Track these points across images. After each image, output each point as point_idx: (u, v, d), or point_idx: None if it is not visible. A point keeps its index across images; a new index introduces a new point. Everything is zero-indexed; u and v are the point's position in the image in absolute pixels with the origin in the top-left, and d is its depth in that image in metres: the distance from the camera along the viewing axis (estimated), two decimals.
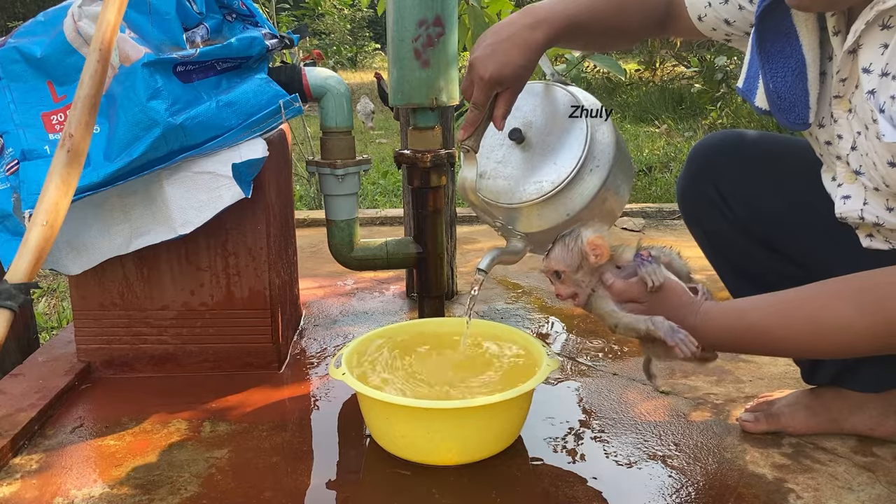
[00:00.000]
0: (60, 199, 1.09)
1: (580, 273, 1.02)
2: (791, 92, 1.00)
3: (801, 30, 0.99)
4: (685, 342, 0.93)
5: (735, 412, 1.29)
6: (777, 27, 1.00)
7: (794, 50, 0.99)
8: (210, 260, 1.43)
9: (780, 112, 1.02)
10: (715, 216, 1.19)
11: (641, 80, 7.78)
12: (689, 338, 0.94)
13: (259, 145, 1.33)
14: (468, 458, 1.14)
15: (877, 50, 0.87)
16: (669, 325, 0.95)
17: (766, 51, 1.02)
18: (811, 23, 0.98)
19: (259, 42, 1.39)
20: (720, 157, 1.20)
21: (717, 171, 1.20)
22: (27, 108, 1.27)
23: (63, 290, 2.55)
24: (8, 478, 1.12)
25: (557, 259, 1.03)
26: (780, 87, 1.01)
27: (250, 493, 1.08)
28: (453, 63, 1.53)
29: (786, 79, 1.00)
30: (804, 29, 0.98)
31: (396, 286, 2.07)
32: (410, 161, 1.58)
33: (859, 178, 0.97)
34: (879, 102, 0.87)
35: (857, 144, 0.95)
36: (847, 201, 0.99)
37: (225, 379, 1.46)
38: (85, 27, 1.25)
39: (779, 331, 0.92)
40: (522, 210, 1.31)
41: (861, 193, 0.97)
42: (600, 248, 1.01)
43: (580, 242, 1.02)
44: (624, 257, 1.02)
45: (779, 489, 1.07)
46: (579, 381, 1.45)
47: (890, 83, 0.85)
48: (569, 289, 1.03)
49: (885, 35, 0.86)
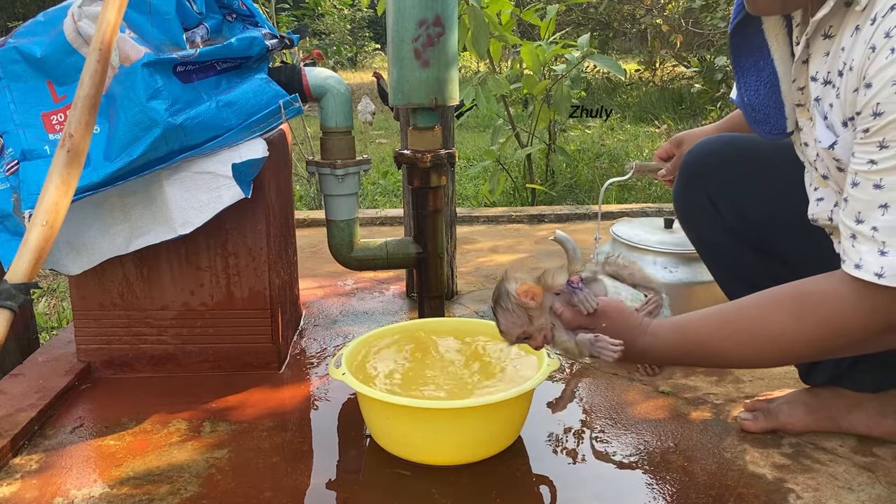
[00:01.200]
0: (60, 199, 1.09)
1: (535, 321, 1.01)
2: (765, 104, 1.03)
3: (771, 43, 1.01)
4: (605, 347, 0.95)
5: (734, 412, 1.29)
6: (749, 42, 1.03)
7: (766, 63, 1.02)
8: (210, 260, 1.43)
9: (756, 123, 1.05)
10: (707, 222, 1.21)
11: (641, 80, 7.78)
12: (609, 341, 0.95)
13: (259, 145, 1.33)
14: (468, 458, 1.14)
15: (822, 58, 0.90)
16: (587, 338, 0.97)
17: (740, 65, 1.05)
18: (781, 36, 1.00)
19: (259, 42, 1.39)
20: (710, 164, 1.21)
21: (707, 177, 1.21)
22: (27, 108, 1.27)
23: (63, 290, 2.55)
24: (8, 478, 1.12)
25: (509, 326, 1.03)
26: (753, 100, 1.04)
27: (250, 493, 1.08)
28: (453, 63, 1.53)
29: (759, 91, 1.03)
30: (775, 42, 1.01)
31: (396, 286, 2.07)
32: (410, 161, 1.58)
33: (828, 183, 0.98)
34: (823, 110, 0.89)
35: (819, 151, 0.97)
36: (820, 203, 1.00)
37: (225, 379, 1.46)
38: (85, 27, 1.25)
39: (719, 343, 0.93)
40: None
41: (833, 197, 0.98)
42: (531, 291, 1.00)
43: (513, 300, 1.01)
44: (557, 282, 1.02)
45: (779, 489, 1.07)
46: (579, 380, 1.45)
47: (830, 91, 0.87)
48: (539, 337, 1.02)
49: (826, 44, 0.88)
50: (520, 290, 1.00)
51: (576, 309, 0.99)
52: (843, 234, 0.84)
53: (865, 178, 0.79)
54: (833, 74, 0.87)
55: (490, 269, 2.18)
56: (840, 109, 0.85)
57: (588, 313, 0.97)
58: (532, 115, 3.51)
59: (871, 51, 0.78)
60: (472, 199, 3.80)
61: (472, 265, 2.23)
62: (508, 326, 1.02)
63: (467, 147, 5.33)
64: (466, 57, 8.10)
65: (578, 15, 7.78)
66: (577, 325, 0.99)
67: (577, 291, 0.98)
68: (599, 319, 0.98)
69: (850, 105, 0.83)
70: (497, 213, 2.91)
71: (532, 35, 6.12)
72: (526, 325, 1.01)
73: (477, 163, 4.07)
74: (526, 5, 4.48)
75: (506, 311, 1.01)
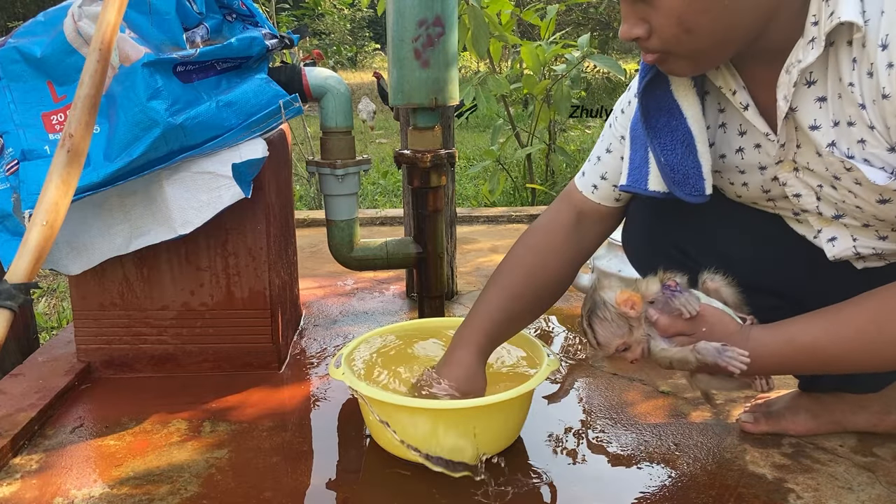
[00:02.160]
0: (60, 199, 1.09)
1: (635, 332, 0.99)
2: (683, 164, 0.98)
3: (683, 104, 0.98)
4: (734, 357, 0.91)
5: (735, 412, 1.29)
6: (659, 104, 0.99)
7: (680, 123, 0.98)
8: (210, 260, 1.43)
9: (676, 185, 0.99)
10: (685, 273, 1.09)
11: None
12: (737, 351, 0.91)
13: (259, 145, 1.33)
14: (468, 458, 1.13)
15: (813, 106, 0.87)
16: (713, 346, 0.93)
17: (652, 126, 1.00)
18: (691, 97, 0.97)
19: (259, 42, 1.39)
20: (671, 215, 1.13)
21: (671, 229, 1.15)
22: (27, 108, 1.27)
23: (63, 290, 2.55)
24: (8, 478, 1.12)
25: (608, 338, 0.99)
26: (671, 160, 0.99)
27: (250, 493, 1.08)
28: (453, 63, 1.53)
29: (675, 151, 0.98)
30: (685, 102, 0.97)
31: (396, 286, 2.07)
32: (410, 161, 1.58)
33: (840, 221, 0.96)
34: (844, 150, 0.86)
35: (822, 195, 0.95)
36: (836, 243, 0.98)
37: (225, 379, 1.46)
38: (85, 27, 1.25)
39: (832, 349, 0.91)
40: None
41: (846, 232, 0.97)
42: (631, 300, 0.97)
43: (612, 309, 0.98)
44: (651, 291, 0.99)
45: (779, 489, 1.07)
46: (579, 381, 1.45)
47: (849, 130, 0.85)
48: (638, 349, 0.99)
49: (814, 90, 0.86)
50: (619, 299, 0.98)
51: (674, 314, 0.96)
52: None
53: None
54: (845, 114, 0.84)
55: (490, 269, 2.17)
56: (883, 139, 0.82)
57: (690, 316, 0.94)
58: (532, 115, 3.52)
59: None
60: (472, 199, 3.80)
61: (472, 265, 2.23)
62: (608, 338, 0.99)
63: (467, 147, 5.33)
64: (466, 57, 8.11)
65: (578, 15, 7.78)
66: (674, 332, 0.96)
67: (676, 294, 0.95)
68: (699, 324, 0.95)
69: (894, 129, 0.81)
70: (497, 213, 2.91)
71: (532, 35, 6.12)
72: (626, 335, 0.98)
73: (477, 163, 4.07)
74: (526, 5, 4.48)
75: (604, 322, 0.98)
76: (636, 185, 1.04)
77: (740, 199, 1.07)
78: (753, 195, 1.04)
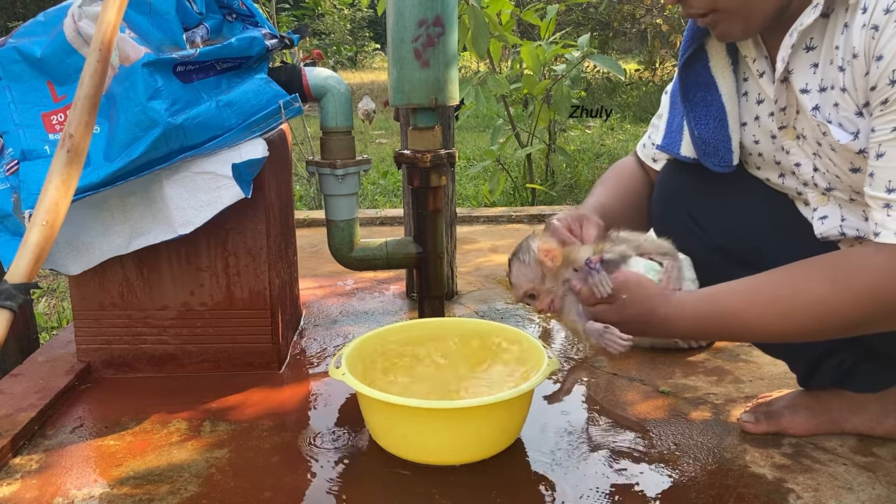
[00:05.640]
0: (60, 199, 1.09)
1: (547, 282, 1.04)
2: (714, 137, 1.05)
3: (719, 80, 1.04)
4: (614, 340, 0.96)
5: (735, 412, 1.29)
6: (697, 79, 1.06)
7: (715, 99, 1.05)
8: (210, 260, 1.43)
9: (706, 156, 1.08)
10: (692, 240, 1.17)
11: (641, 80, 7.79)
12: (617, 334, 0.96)
13: (259, 145, 1.33)
14: (468, 458, 1.14)
15: (808, 71, 0.91)
16: (597, 328, 0.98)
17: (689, 100, 1.08)
18: (728, 73, 1.03)
19: (259, 42, 1.39)
20: (688, 183, 1.18)
21: (686, 196, 1.19)
22: (27, 108, 1.27)
23: (63, 290, 2.55)
24: (8, 478, 1.12)
25: (520, 279, 1.05)
26: (704, 133, 1.06)
27: (250, 493, 1.08)
28: (453, 63, 1.53)
29: (709, 125, 1.06)
30: (722, 80, 1.04)
31: (396, 286, 2.07)
32: (410, 161, 1.58)
33: (831, 197, 0.99)
34: (826, 114, 0.90)
35: (817, 165, 0.97)
36: (825, 221, 1.00)
37: (225, 379, 1.46)
38: (85, 27, 1.25)
39: (750, 313, 0.93)
40: None
41: (836, 211, 0.99)
42: (552, 252, 1.02)
43: (532, 254, 1.03)
44: (579, 257, 1.03)
45: (779, 489, 1.07)
46: (579, 380, 1.45)
47: (829, 94, 0.88)
48: (545, 300, 1.05)
49: (812, 55, 0.90)
50: (541, 246, 1.03)
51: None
52: (875, 208, 0.84)
53: (891, 146, 0.81)
54: (830, 79, 0.87)
55: (490, 269, 2.18)
56: (852, 101, 0.85)
57: (600, 297, 0.98)
58: (532, 115, 3.51)
59: (873, 30, 0.80)
60: (472, 199, 3.80)
61: (472, 265, 2.23)
62: (519, 279, 1.05)
63: (467, 147, 5.33)
64: (466, 57, 8.11)
65: (578, 15, 7.78)
66: (595, 302, 1.00)
67: (593, 273, 0.98)
68: (619, 292, 0.98)
69: (862, 91, 0.84)
70: (497, 213, 2.91)
71: (532, 35, 6.12)
72: (537, 282, 1.03)
73: (477, 163, 4.07)
74: (526, 5, 4.48)
75: (521, 264, 1.04)
76: (670, 148, 1.14)
77: (759, 170, 1.11)
78: (767, 167, 1.08)
